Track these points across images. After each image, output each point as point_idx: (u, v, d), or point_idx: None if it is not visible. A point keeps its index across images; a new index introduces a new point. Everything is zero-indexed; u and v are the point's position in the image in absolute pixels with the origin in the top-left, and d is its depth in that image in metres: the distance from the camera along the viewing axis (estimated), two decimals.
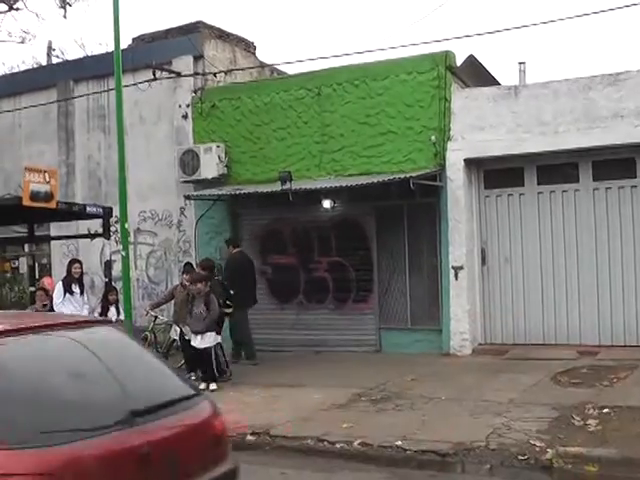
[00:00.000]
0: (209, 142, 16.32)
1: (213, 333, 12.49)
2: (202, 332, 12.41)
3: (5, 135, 20.07)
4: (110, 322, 7.53)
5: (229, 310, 13.41)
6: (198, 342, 12.47)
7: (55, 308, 13.05)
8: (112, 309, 13.56)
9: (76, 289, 13.65)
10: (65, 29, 48.71)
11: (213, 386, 12.23)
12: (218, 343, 12.85)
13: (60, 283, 13.37)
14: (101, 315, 13.48)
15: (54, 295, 13.26)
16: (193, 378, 12.35)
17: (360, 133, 15.08)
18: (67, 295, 13.38)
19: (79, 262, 14.06)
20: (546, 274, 14.11)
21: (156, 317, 13.80)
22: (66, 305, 13.25)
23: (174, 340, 13.41)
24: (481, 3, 48.05)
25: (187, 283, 13.04)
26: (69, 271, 13.74)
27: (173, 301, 13.75)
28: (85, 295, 14.01)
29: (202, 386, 12.00)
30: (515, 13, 39.77)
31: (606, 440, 7.97)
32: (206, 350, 12.47)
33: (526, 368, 12.30)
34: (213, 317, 12.55)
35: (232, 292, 13.56)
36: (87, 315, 13.58)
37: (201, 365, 12.64)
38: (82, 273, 13.99)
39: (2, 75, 23.81)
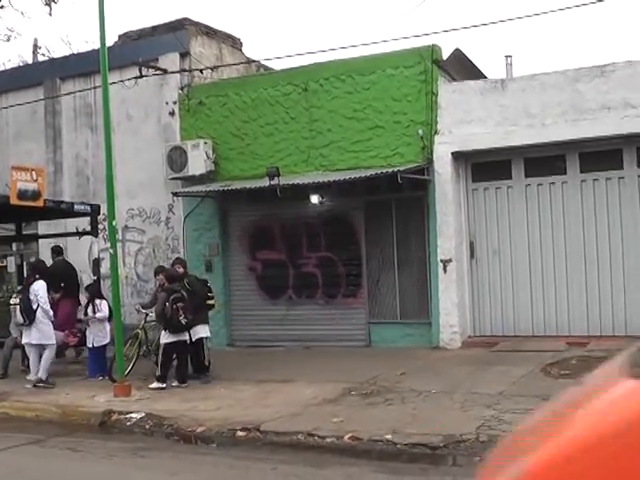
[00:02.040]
0: (196, 139, 16.28)
1: (163, 331, 12.37)
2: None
3: None
4: None
5: (211, 302, 13.37)
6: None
7: (45, 307, 12.89)
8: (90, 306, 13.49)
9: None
10: (51, 27, 48.63)
11: (153, 384, 12.10)
12: (201, 338, 12.79)
13: (44, 284, 13.15)
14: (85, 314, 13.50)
15: (42, 295, 13.00)
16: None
17: (348, 128, 15.08)
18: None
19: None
20: (535, 266, 14.15)
21: (147, 315, 13.77)
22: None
23: None
24: None
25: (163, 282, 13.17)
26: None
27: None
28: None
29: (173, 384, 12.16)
30: (501, 6, 39.78)
31: None
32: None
33: (516, 360, 12.33)
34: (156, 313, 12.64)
35: (209, 284, 13.62)
36: None
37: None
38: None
39: None
